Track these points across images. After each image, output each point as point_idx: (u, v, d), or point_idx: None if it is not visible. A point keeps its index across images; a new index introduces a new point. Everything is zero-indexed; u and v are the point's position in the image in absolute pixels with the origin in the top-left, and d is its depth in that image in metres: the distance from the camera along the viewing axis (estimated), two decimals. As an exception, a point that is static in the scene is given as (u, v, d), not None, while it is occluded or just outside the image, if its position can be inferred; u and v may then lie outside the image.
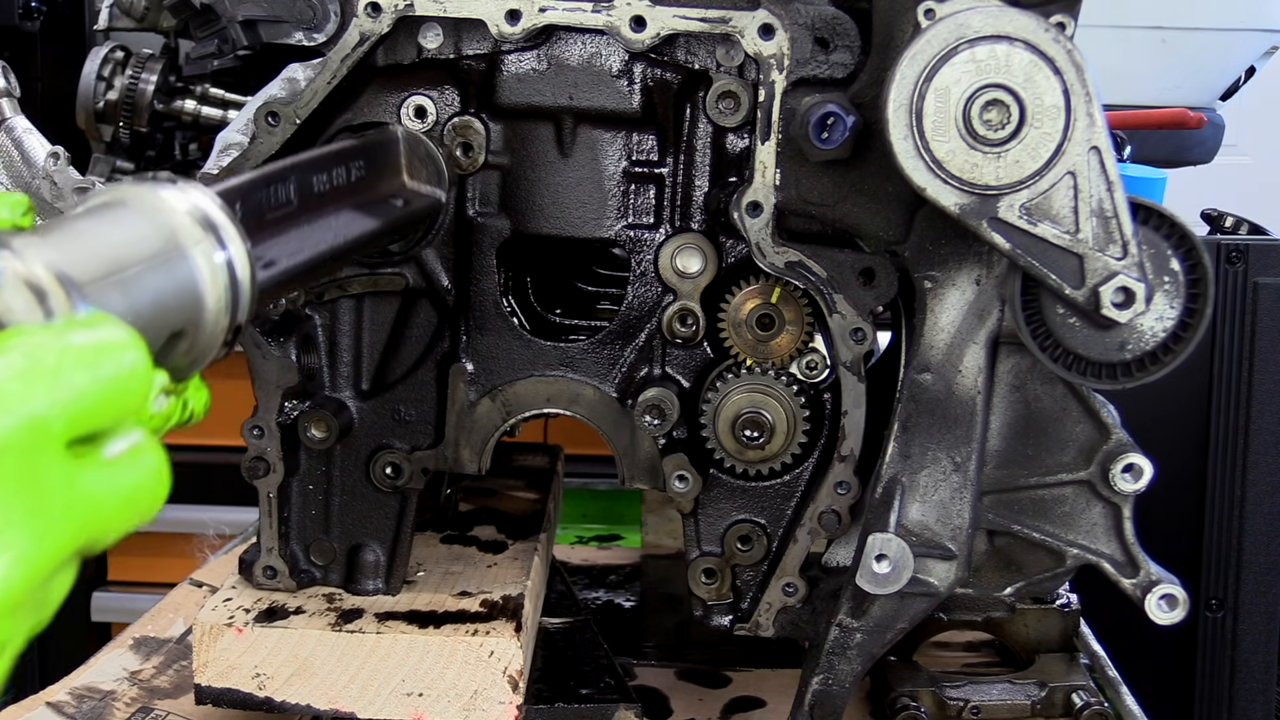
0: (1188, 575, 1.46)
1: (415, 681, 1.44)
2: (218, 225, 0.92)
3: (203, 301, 0.91)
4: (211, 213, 0.92)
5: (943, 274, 1.35)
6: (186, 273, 0.90)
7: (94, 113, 2.16)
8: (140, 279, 0.87)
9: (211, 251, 0.91)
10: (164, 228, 0.90)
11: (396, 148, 1.41)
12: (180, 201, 0.91)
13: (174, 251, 0.89)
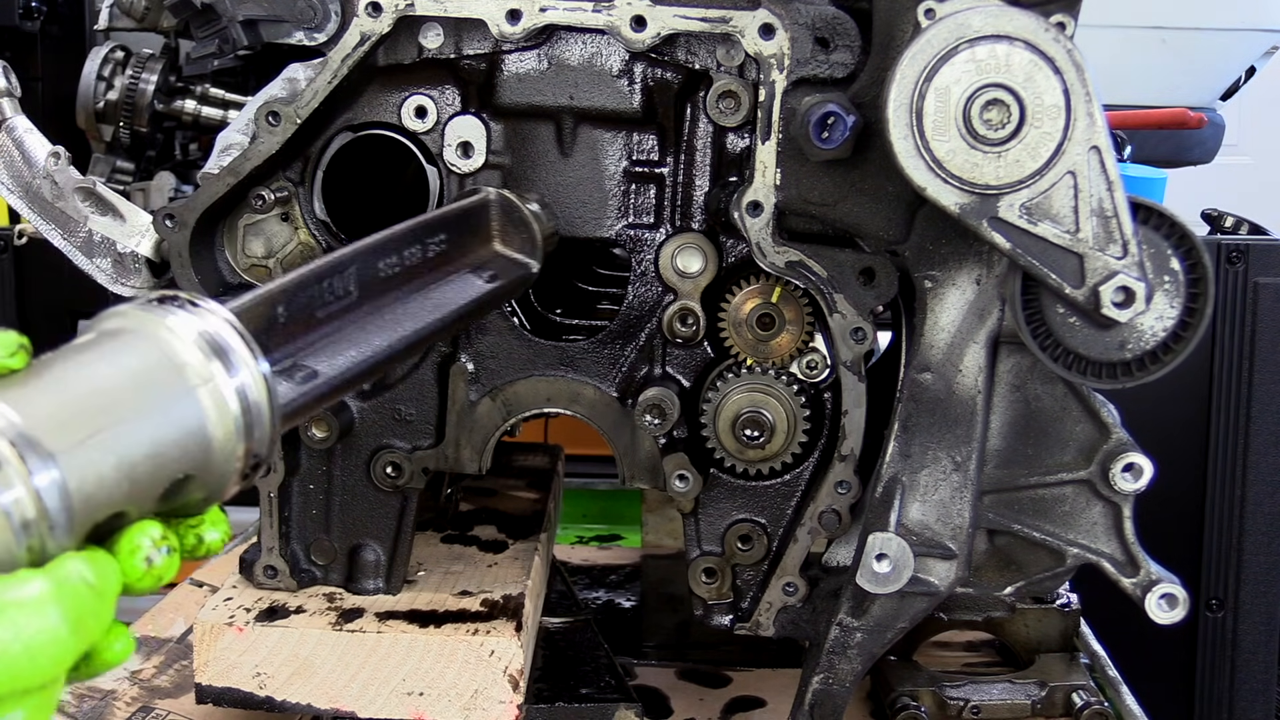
0: (1188, 575, 1.46)
1: (416, 681, 1.44)
2: (228, 350, 0.86)
3: (209, 444, 0.85)
4: (223, 337, 0.86)
5: (943, 274, 1.35)
6: (188, 415, 0.84)
7: (94, 113, 2.16)
8: (131, 432, 0.82)
9: (220, 387, 0.85)
10: (164, 364, 0.84)
11: (487, 213, 1.30)
12: (187, 328, 0.85)
13: (173, 392, 0.84)
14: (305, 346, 0.99)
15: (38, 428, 0.79)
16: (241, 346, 0.87)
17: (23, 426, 0.78)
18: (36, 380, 0.83)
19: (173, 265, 1.44)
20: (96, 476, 0.81)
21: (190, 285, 1.44)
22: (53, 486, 0.78)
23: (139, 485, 0.83)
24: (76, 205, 1.45)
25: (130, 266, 1.46)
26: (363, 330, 1.05)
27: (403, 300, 1.12)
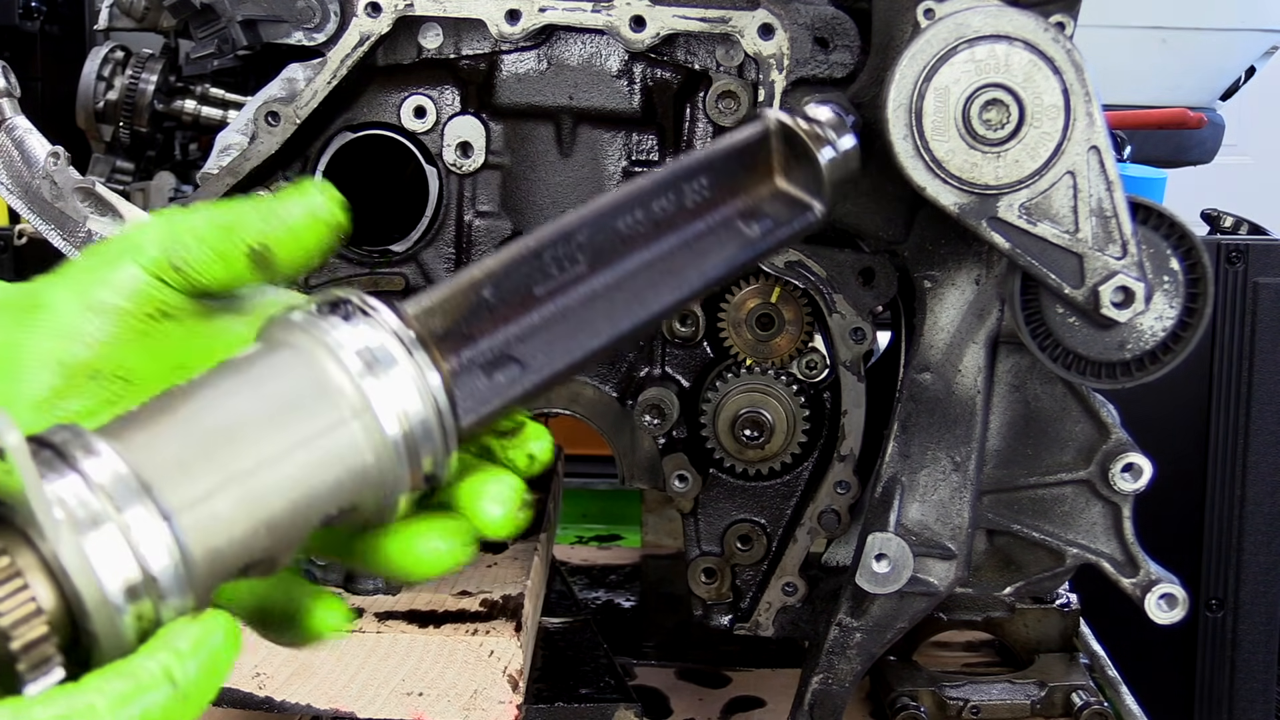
0: (1187, 575, 1.46)
1: (415, 681, 1.44)
2: (390, 364, 0.77)
3: (364, 478, 0.78)
4: (388, 350, 0.78)
5: (942, 274, 1.35)
6: (339, 450, 0.77)
7: (94, 113, 2.16)
8: (271, 477, 0.75)
9: (377, 413, 0.77)
10: (314, 391, 0.77)
11: (766, 145, 1.05)
12: (349, 342, 0.77)
13: (322, 425, 0.76)
14: (519, 332, 0.86)
15: (155, 475, 0.72)
16: (407, 360, 0.78)
17: (134, 475, 0.71)
18: (164, 414, 0.76)
19: (172, 265, 1.44)
20: (226, 532, 0.74)
21: (190, 285, 1.44)
22: (163, 548, 0.71)
23: (280, 533, 0.77)
24: (76, 205, 1.45)
25: (130, 267, 1.46)
26: (591, 307, 0.90)
27: (646, 265, 0.93)
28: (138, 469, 0.72)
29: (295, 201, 0.85)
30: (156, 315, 0.85)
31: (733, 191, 1.00)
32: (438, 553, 0.80)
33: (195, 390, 0.77)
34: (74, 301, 0.83)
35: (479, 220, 1.49)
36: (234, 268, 0.85)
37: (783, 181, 1.02)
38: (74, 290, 0.83)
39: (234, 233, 0.84)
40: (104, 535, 0.69)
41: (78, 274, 0.85)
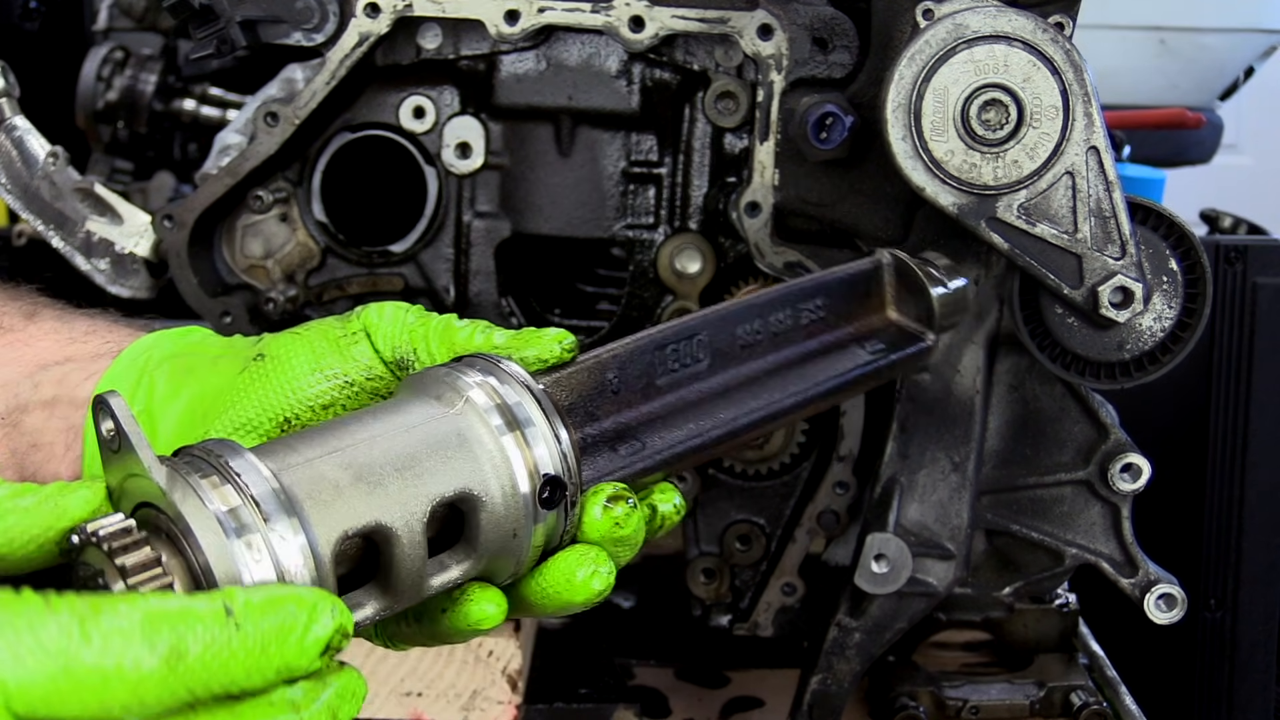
0: (1186, 575, 1.46)
1: (414, 681, 1.44)
2: (526, 423, 0.84)
3: (494, 523, 0.82)
4: (525, 409, 0.84)
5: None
6: (476, 499, 0.82)
7: (94, 113, 2.16)
8: (411, 521, 0.79)
9: (513, 465, 0.82)
10: (458, 437, 0.82)
11: (880, 277, 1.12)
12: (492, 395, 0.84)
13: (463, 470, 0.81)
14: (640, 417, 0.92)
15: (303, 493, 0.77)
16: (543, 421, 0.84)
17: (283, 489, 0.76)
18: (316, 442, 0.81)
19: (171, 266, 1.44)
20: (332, 486, 0.79)
21: (189, 286, 1.44)
22: (301, 560, 0.75)
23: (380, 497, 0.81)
24: (75, 206, 1.45)
25: (128, 267, 1.46)
26: (710, 403, 0.95)
27: (763, 373, 0.99)
28: (287, 485, 0.76)
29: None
30: (376, 393, 0.95)
31: (847, 317, 1.07)
32: (594, 576, 0.87)
33: (348, 423, 0.83)
34: (306, 361, 0.94)
35: (478, 221, 1.49)
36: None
37: (894, 313, 1.11)
38: (308, 351, 0.95)
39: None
40: (249, 544, 0.73)
41: (313, 337, 0.96)
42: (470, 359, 0.88)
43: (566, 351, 0.92)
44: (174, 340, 1.02)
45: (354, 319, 0.96)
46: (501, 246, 1.49)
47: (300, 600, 0.71)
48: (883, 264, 1.11)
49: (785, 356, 1.01)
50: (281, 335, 0.97)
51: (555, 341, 0.92)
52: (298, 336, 0.96)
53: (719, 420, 0.95)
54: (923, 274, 1.11)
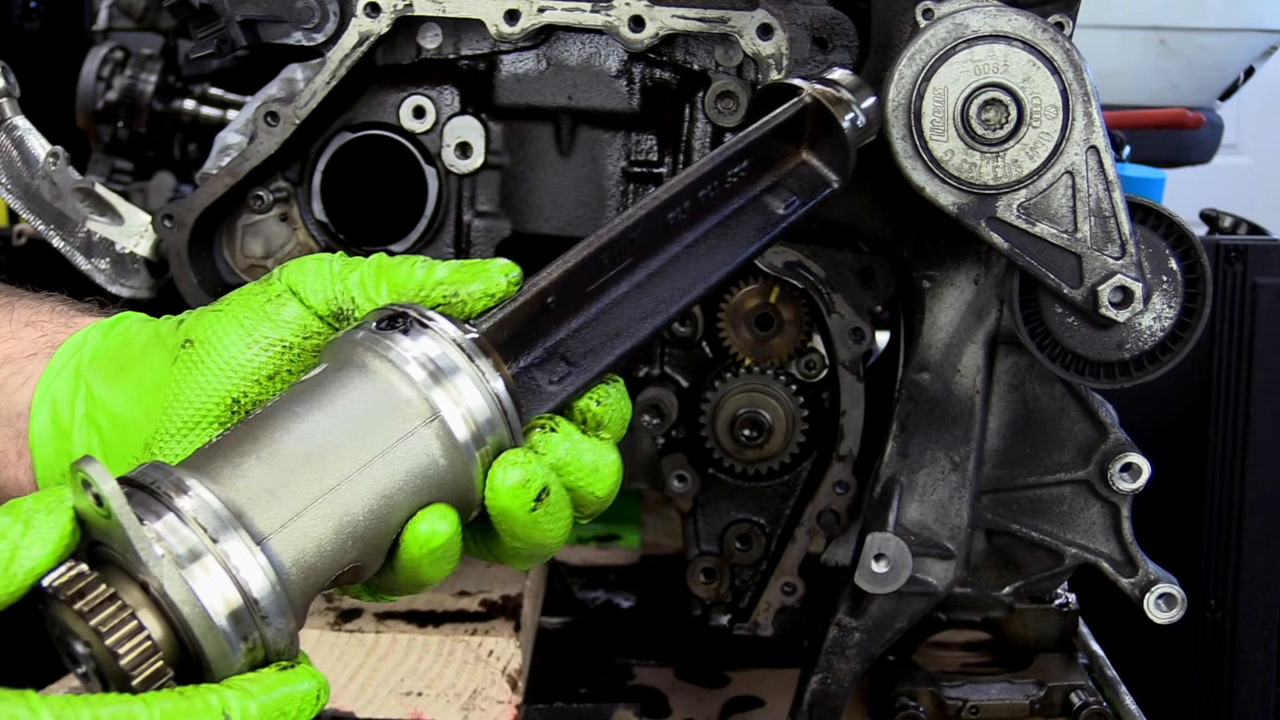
0: (1186, 575, 1.46)
1: (414, 681, 1.44)
2: (454, 373, 0.83)
3: (441, 481, 0.83)
4: (450, 358, 0.83)
5: (941, 273, 1.35)
6: (415, 458, 0.82)
7: (94, 113, 2.16)
8: (353, 490, 0.79)
9: (447, 419, 0.82)
10: (384, 405, 0.81)
11: (801, 119, 1.05)
12: (410, 355, 0.82)
13: (395, 436, 0.81)
14: (570, 332, 0.91)
15: (244, 504, 0.77)
16: (469, 366, 0.83)
17: (224, 504, 0.76)
18: (245, 442, 0.80)
19: (171, 265, 1.44)
20: (317, 549, 0.79)
21: (189, 286, 1.44)
22: (260, 572, 0.75)
23: (367, 540, 0.81)
24: (75, 205, 1.45)
25: (129, 267, 1.46)
26: (634, 301, 0.93)
27: (684, 254, 0.96)
28: (227, 500, 0.76)
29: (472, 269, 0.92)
30: (313, 349, 0.92)
31: (766, 168, 1.04)
32: (509, 478, 0.86)
33: (271, 416, 0.82)
34: (238, 337, 0.91)
35: (478, 220, 1.49)
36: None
37: (809, 154, 1.07)
38: (236, 326, 0.92)
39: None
40: (204, 566, 0.74)
41: (237, 311, 0.92)
42: (395, 315, 0.86)
43: (513, 285, 0.90)
44: (103, 334, 0.99)
45: (275, 281, 0.93)
46: (501, 246, 1.49)
47: (302, 701, 0.76)
48: (805, 106, 1.05)
49: (703, 229, 0.98)
50: (203, 314, 0.94)
51: (501, 274, 0.90)
52: (220, 313, 0.93)
53: (645, 318, 0.93)
54: (835, 110, 1.06)
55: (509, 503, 0.85)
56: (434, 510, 0.84)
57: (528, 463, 0.85)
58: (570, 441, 0.89)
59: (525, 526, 0.86)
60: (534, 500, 0.85)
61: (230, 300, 0.94)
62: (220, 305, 0.94)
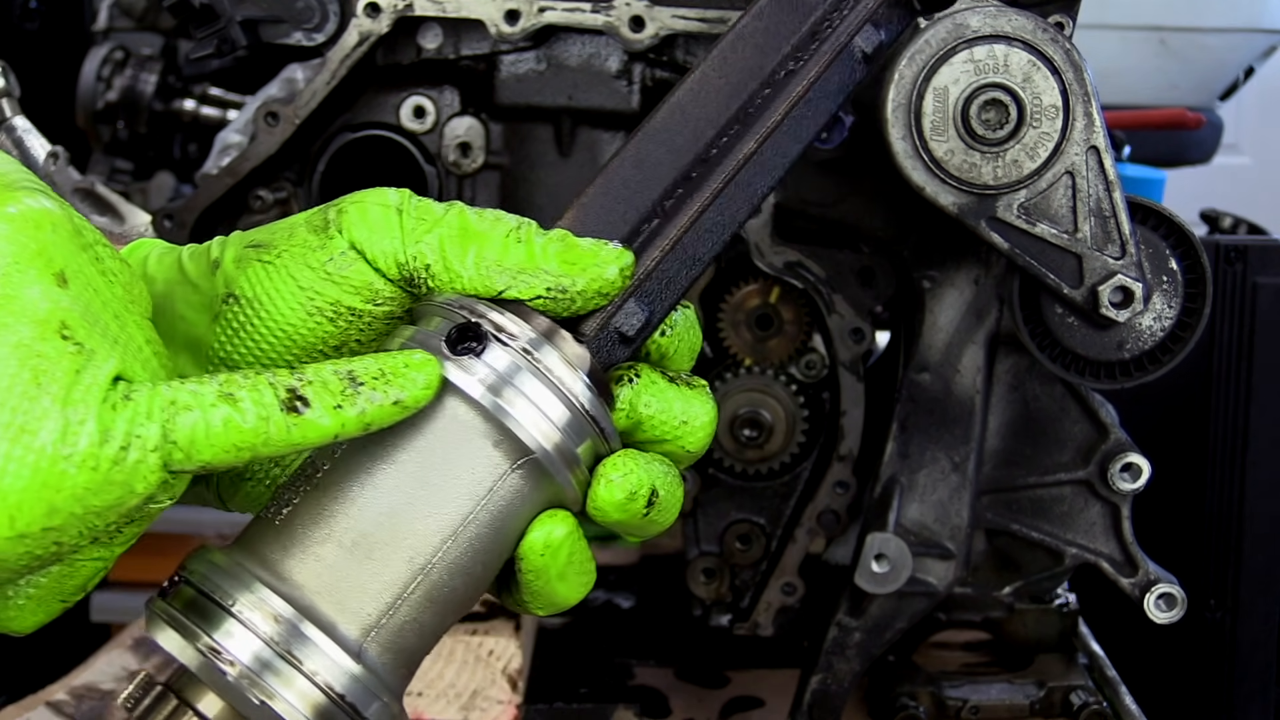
0: (1186, 575, 1.46)
1: (414, 681, 1.43)
2: (526, 387, 0.73)
3: (536, 505, 0.75)
4: (522, 371, 0.73)
5: (941, 274, 1.35)
6: (510, 504, 0.73)
7: (94, 113, 2.16)
8: (444, 561, 0.72)
9: (545, 445, 0.73)
10: (461, 450, 0.73)
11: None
12: (484, 377, 0.73)
13: (484, 486, 0.73)
14: (646, 271, 0.80)
15: (330, 607, 0.70)
16: (561, 390, 0.74)
17: (306, 611, 0.69)
18: (318, 522, 0.72)
19: (172, 265, 1.44)
20: (417, 633, 0.73)
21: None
22: (355, 682, 0.70)
23: (470, 599, 0.75)
24: (75, 205, 1.45)
25: (129, 267, 1.46)
26: (712, 212, 0.81)
27: (767, 141, 0.82)
28: (309, 606, 0.70)
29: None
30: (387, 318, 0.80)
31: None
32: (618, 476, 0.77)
33: (344, 483, 0.73)
34: (295, 301, 0.79)
35: (478, 220, 1.49)
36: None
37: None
38: (292, 286, 0.79)
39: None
40: (296, 691, 0.69)
41: (290, 266, 0.79)
42: (471, 329, 0.74)
43: (626, 280, 0.78)
44: None
45: (335, 236, 0.78)
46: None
47: None
48: None
49: (787, 99, 0.83)
50: (245, 263, 0.80)
51: (617, 268, 0.78)
52: (270, 267, 0.79)
53: (721, 221, 0.82)
54: None
55: (620, 516, 0.77)
56: (544, 518, 0.77)
57: (630, 472, 0.77)
58: (655, 395, 0.80)
59: (640, 530, 0.79)
60: (645, 508, 0.77)
61: (278, 249, 0.79)
62: (266, 254, 0.79)
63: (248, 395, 0.69)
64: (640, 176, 0.82)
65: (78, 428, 0.65)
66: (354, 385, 0.71)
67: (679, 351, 0.84)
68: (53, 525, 0.65)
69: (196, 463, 0.67)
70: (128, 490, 0.66)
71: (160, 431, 0.67)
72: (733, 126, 0.82)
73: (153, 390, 0.68)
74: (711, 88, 0.83)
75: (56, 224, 0.69)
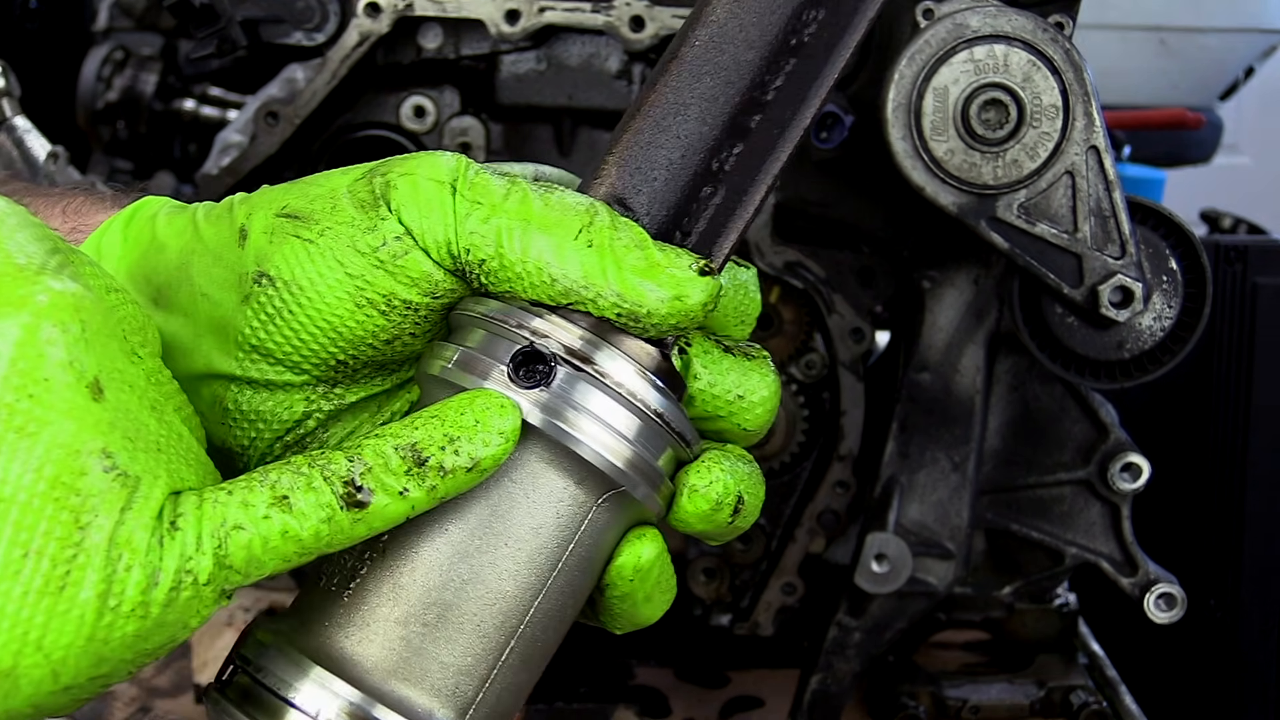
0: (1186, 575, 1.46)
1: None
2: (601, 413, 0.66)
3: (621, 531, 0.70)
4: (596, 395, 0.66)
5: (941, 274, 1.35)
6: (588, 550, 0.68)
7: (94, 113, 2.16)
8: (534, 628, 0.67)
9: (616, 501, 0.67)
10: (550, 515, 0.66)
11: None
12: (553, 410, 0.65)
13: (561, 536, 0.66)
14: (703, 227, 0.71)
15: (414, 693, 0.63)
16: (619, 403, 0.66)
17: (379, 699, 0.62)
18: (394, 598, 0.65)
19: (172, 265, 1.44)
20: (513, 694, 0.67)
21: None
22: None
23: (559, 639, 0.71)
24: (76, 205, 1.45)
25: (129, 267, 1.46)
26: (761, 138, 0.70)
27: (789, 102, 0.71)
28: (390, 695, 0.63)
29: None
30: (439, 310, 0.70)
31: None
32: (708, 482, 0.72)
33: (416, 556, 0.65)
34: (342, 289, 0.69)
35: (478, 220, 1.49)
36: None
37: None
38: (338, 271, 0.69)
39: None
40: None
41: (335, 248, 0.69)
42: (538, 356, 0.65)
43: (709, 312, 0.68)
44: (123, 237, 0.75)
45: (387, 218, 0.67)
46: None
47: None
48: None
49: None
50: (281, 239, 0.69)
51: (702, 301, 0.67)
52: (311, 246, 0.68)
53: (769, 151, 0.71)
54: None
55: (704, 527, 0.72)
56: (631, 539, 0.71)
57: (715, 481, 0.71)
58: (709, 365, 0.72)
59: (722, 536, 0.75)
60: (730, 516, 0.73)
61: (319, 225, 0.69)
62: (306, 230, 0.69)
63: (303, 499, 0.62)
64: (684, 123, 0.70)
65: (124, 575, 0.58)
66: (419, 464, 0.63)
67: (727, 315, 0.75)
68: (100, 674, 0.60)
69: (255, 578, 0.62)
70: (181, 628, 0.61)
71: (213, 562, 0.60)
72: (785, 59, 0.70)
73: (199, 510, 0.61)
74: (744, 5, 0.70)
75: (84, 312, 0.60)
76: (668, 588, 0.74)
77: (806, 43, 0.69)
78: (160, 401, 0.64)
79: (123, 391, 0.61)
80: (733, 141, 0.70)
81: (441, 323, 0.71)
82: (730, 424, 0.74)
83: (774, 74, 0.70)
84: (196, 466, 0.64)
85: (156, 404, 0.63)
